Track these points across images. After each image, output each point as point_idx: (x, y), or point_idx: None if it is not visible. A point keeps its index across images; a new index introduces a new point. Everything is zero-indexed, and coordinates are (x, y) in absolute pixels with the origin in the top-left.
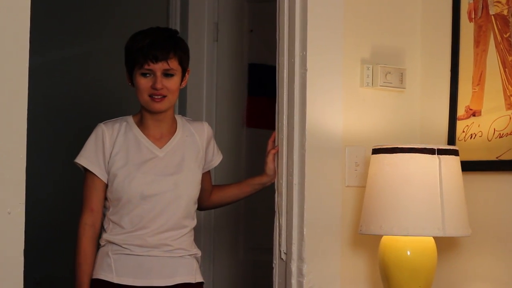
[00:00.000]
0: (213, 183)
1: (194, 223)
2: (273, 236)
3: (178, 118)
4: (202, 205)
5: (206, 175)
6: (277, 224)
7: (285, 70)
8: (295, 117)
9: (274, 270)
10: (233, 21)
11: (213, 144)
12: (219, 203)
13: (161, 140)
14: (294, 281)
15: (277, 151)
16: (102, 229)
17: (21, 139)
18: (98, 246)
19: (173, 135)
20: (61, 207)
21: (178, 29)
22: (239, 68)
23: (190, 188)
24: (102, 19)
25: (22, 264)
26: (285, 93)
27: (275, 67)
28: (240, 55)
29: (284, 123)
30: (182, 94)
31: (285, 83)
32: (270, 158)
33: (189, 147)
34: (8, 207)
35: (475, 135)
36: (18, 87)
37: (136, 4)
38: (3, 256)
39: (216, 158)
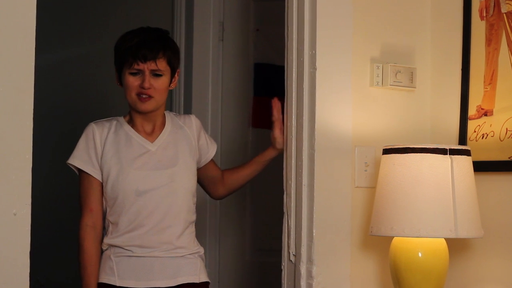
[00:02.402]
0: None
1: (193, 217)
2: (281, 238)
3: (166, 113)
4: (218, 193)
5: (210, 164)
6: (286, 225)
7: (293, 70)
8: (304, 117)
9: (282, 272)
10: (239, 20)
11: (204, 134)
12: (235, 186)
13: (152, 135)
14: (303, 283)
15: (282, 121)
16: (103, 231)
17: (26, 140)
18: (101, 250)
19: (163, 129)
20: (65, 208)
21: (183, 28)
22: (245, 67)
23: (186, 181)
24: (107, 18)
25: (28, 266)
26: (293, 93)
27: (281, 66)
28: (246, 55)
29: (293, 123)
30: (187, 93)
31: (293, 83)
32: (278, 131)
33: (180, 139)
34: (14, 208)
35: (487, 135)
36: (24, 88)
37: (141, 3)
38: (9, 258)
39: (212, 148)
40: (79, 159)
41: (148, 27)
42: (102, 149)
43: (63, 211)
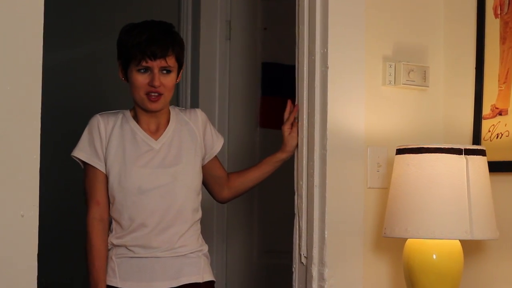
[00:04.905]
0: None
1: (198, 216)
2: (290, 239)
3: (171, 108)
4: (222, 195)
5: (215, 162)
6: (297, 227)
7: (305, 68)
8: (315, 117)
9: (293, 275)
10: (246, 19)
11: (210, 128)
12: (241, 189)
13: (157, 133)
14: (315, 286)
15: (297, 123)
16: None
17: (34, 140)
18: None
19: (167, 127)
20: (69, 209)
21: (189, 27)
22: (252, 67)
23: (190, 179)
24: (112, 17)
25: (36, 269)
26: (305, 92)
27: (289, 65)
28: (253, 54)
29: (304, 122)
30: (194, 93)
31: (305, 82)
32: (293, 134)
33: (185, 137)
34: (21, 210)
35: (502, 134)
36: (31, 88)
37: (147, 2)
38: (16, 260)
39: (217, 143)
40: (84, 151)
41: (152, 21)
42: (107, 141)
43: (65, 211)
